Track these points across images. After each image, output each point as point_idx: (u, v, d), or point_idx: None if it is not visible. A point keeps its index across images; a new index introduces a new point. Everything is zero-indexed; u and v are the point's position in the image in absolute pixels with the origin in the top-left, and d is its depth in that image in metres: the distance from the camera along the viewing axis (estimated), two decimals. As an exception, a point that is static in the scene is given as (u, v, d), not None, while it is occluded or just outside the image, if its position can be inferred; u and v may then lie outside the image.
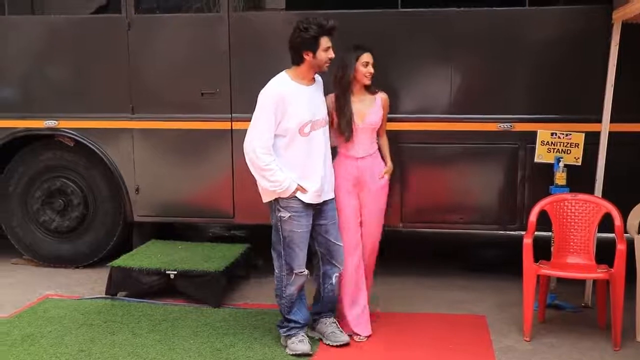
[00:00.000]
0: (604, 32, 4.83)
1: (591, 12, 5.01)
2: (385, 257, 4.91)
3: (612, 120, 4.84)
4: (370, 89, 4.52)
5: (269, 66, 5.41)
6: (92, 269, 6.04)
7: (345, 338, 4.40)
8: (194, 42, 5.61)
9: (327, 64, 4.24)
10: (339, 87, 4.41)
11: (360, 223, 4.56)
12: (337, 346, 4.36)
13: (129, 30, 5.63)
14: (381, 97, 4.55)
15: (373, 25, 5.25)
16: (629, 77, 4.88)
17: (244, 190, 5.60)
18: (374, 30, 5.22)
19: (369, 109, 4.48)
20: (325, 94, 4.43)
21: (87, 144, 5.86)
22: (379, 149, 4.63)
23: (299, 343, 4.28)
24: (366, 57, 4.42)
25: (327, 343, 4.40)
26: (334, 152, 4.51)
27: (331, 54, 4.20)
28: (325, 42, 4.17)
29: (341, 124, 4.40)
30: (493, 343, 4.46)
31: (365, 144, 4.50)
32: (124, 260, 5.44)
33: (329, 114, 4.41)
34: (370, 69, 4.42)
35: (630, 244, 4.41)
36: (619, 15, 4.63)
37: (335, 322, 4.48)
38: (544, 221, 4.74)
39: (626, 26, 4.70)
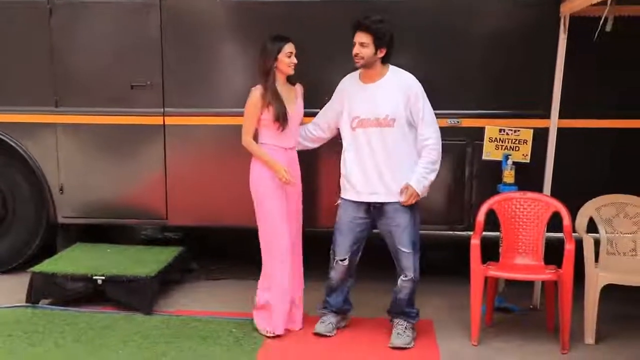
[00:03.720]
0: (552, 25, 4.94)
1: (539, 3, 5.13)
2: (325, 260, 4.95)
3: (561, 116, 4.99)
4: (290, 80, 4.75)
5: (204, 57, 5.46)
6: (11, 275, 5.91)
7: (397, 341, 4.57)
8: (123, 30, 5.53)
9: None
10: (264, 77, 4.60)
11: None
12: (390, 347, 4.57)
13: (51, 16, 5.54)
14: (300, 87, 4.81)
15: (314, 14, 5.27)
16: (578, 72, 5.01)
17: (177, 190, 5.59)
18: (316, 18, 5.26)
19: (294, 99, 4.73)
20: None
21: (6, 139, 5.74)
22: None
23: (320, 324, 4.77)
24: (291, 47, 4.63)
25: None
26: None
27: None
28: None
29: (276, 113, 4.56)
30: (439, 347, 4.55)
31: (294, 134, 4.76)
32: (47, 265, 5.34)
33: (261, 107, 4.60)
34: (294, 60, 4.63)
35: (579, 244, 4.55)
36: (567, 9, 4.76)
37: (402, 325, 4.65)
38: (492, 221, 4.85)
39: (574, 19, 4.82)
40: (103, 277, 5.15)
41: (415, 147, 4.56)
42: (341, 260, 4.70)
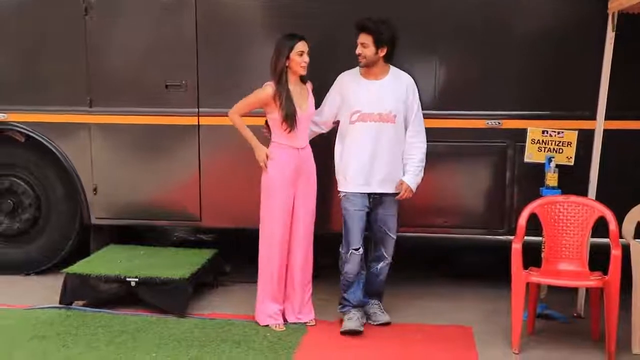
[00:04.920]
0: (599, 22, 4.84)
1: (586, 1, 5.04)
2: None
3: (608, 117, 4.86)
4: (303, 78, 4.82)
5: (240, 56, 5.44)
6: (44, 276, 5.95)
7: (385, 318, 4.98)
8: (158, 28, 5.54)
9: None
10: (277, 77, 4.71)
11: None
12: (378, 325, 4.93)
13: (86, 14, 5.56)
14: (310, 84, 4.89)
15: (353, 12, 5.21)
16: (626, 71, 4.91)
17: (211, 191, 5.59)
18: (353, 17, 5.18)
19: (306, 98, 4.81)
20: None
21: (40, 139, 5.78)
22: None
23: (347, 321, 4.83)
24: (302, 45, 4.68)
25: (370, 322, 4.96)
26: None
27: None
28: None
29: (285, 114, 4.66)
30: (479, 355, 4.47)
31: (305, 133, 4.85)
32: (80, 267, 5.36)
33: (268, 105, 4.75)
34: (306, 58, 4.69)
35: (626, 250, 4.43)
36: (615, 5, 4.65)
37: (378, 304, 5.04)
38: (534, 225, 4.76)
39: (622, 16, 4.72)
40: (137, 279, 5.15)
41: (403, 143, 4.84)
42: (356, 250, 4.82)
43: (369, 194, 4.81)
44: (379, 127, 4.72)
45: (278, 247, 4.84)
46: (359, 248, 4.83)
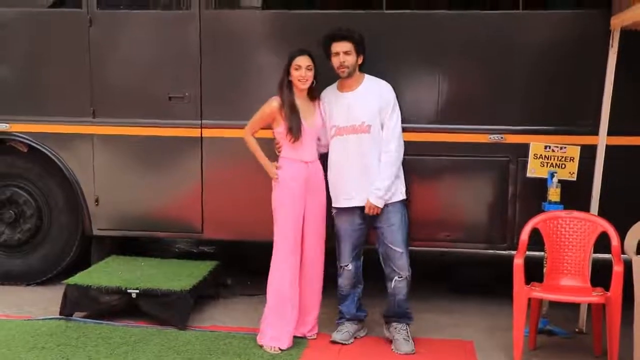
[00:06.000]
0: (601, 39, 4.89)
1: (588, 17, 5.08)
2: (366, 279, 5.06)
3: (610, 132, 4.90)
4: (311, 94, 4.83)
5: (242, 69, 5.47)
6: (45, 287, 5.97)
7: (407, 348, 4.73)
8: (162, 41, 5.59)
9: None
10: (280, 89, 4.76)
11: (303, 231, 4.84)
12: (399, 354, 4.73)
13: (90, 26, 5.60)
14: (319, 102, 4.89)
15: (355, 28, 5.26)
16: (628, 87, 4.94)
17: (213, 203, 5.60)
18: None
19: (312, 113, 4.81)
20: None
21: (43, 150, 5.81)
22: None
23: (337, 332, 4.90)
24: (300, 60, 4.67)
25: (392, 349, 4.80)
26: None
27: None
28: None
29: (289, 124, 4.67)
30: (481, 371, 4.48)
31: (312, 147, 4.85)
32: (81, 278, 5.37)
33: (275, 119, 4.76)
34: (302, 73, 4.66)
35: (628, 266, 4.45)
36: (618, 22, 4.69)
37: (405, 329, 4.86)
38: (537, 240, 4.78)
39: (625, 33, 4.77)
40: (137, 291, 5.16)
41: None
42: (345, 266, 4.90)
43: (360, 208, 4.77)
44: (354, 140, 4.72)
45: (290, 263, 4.78)
46: (348, 265, 4.89)
